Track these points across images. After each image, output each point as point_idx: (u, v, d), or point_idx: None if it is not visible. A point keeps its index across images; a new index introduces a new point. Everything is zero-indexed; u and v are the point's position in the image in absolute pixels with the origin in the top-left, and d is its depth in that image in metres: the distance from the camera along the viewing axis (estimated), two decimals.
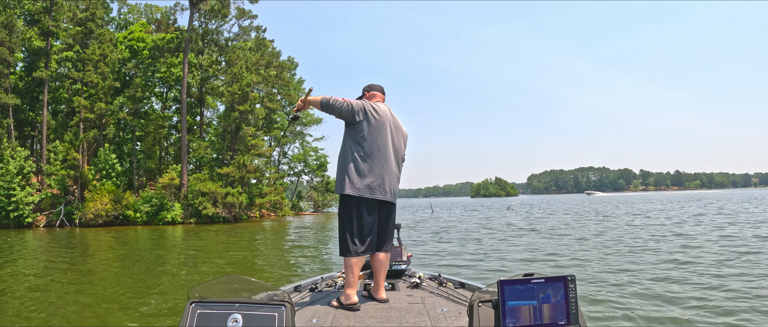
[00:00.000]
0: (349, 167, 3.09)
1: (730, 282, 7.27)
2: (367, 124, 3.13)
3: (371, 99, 3.36)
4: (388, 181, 3.15)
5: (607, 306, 6.04)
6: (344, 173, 3.10)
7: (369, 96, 3.39)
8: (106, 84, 33.51)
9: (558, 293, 2.00)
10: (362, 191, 3.06)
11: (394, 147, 3.23)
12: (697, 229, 16.20)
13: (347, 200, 3.09)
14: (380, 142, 3.14)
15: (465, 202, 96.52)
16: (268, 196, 37.22)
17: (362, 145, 3.11)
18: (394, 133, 3.25)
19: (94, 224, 30.75)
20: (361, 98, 3.41)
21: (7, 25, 31.78)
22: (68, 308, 6.82)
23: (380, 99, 3.39)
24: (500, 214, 34.68)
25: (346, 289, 3.01)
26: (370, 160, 3.09)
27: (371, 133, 3.12)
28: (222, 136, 36.77)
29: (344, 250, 3.07)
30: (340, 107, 3.14)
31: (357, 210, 3.07)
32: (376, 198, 3.11)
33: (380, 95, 3.39)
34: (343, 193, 3.09)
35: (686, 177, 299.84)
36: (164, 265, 11.60)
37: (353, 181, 3.06)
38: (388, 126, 3.21)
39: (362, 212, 3.07)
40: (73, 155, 31.73)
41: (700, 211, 27.98)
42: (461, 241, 15.21)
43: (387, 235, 3.24)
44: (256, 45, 40.09)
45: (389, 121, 3.23)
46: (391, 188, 3.18)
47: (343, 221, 3.10)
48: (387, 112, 3.25)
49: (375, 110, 3.18)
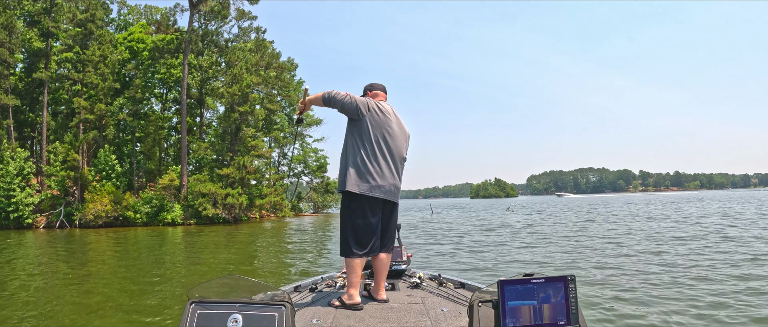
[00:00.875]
0: (353, 165, 3.02)
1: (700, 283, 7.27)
2: (371, 121, 3.06)
3: (373, 98, 3.28)
4: (391, 181, 3.10)
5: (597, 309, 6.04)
6: (347, 171, 3.03)
7: (371, 95, 3.31)
8: (106, 85, 33.53)
9: (558, 293, 2.00)
10: (366, 190, 2.99)
11: (397, 146, 3.17)
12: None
13: (350, 199, 3.02)
14: (384, 140, 3.08)
15: (464, 204, 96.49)
16: (268, 197, 37.23)
17: (366, 143, 3.04)
18: (397, 132, 3.19)
19: (94, 225, 30.74)
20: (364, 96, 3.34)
21: (7, 26, 31.79)
22: (68, 309, 6.81)
23: (382, 98, 3.32)
24: (501, 214, 34.70)
25: (349, 289, 2.97)
26: (373, 159, 3.03)
27: (375, 132, 3.05)
28: (222, 137, 36.79)
29: (347, 251, 3.00)
30: (343, 101, 3.04)
31: (361, 209, 3.00)
32: (380, 197, 3.05)
33: (382, 94, 3.33)
34: (345, 191, 3.01)
35: (686, 178, 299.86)
36: (164, 265, 11.60)
37: (357, 179, 2.99)
38: (392, 125, 3.15)
39: (366, 212, 3.00)
40: (73, 156, 31.73)
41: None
42: (460, 241, 15.21)
43: (389, 235, 3.20)
44: (255, 46, 40.12)
45: (393, 120, 3.18)
46: (395, 187, 3.13)
47: (346, 221, 3.03)
48: (391, 111, 3.20)
49: (379, 108, 3.12)
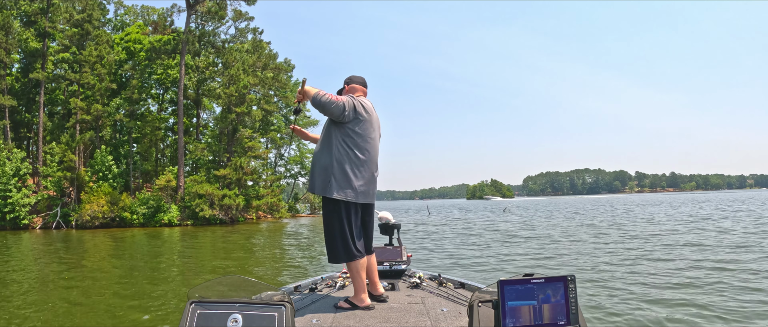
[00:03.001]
0: (338, 168, 2.93)
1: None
2: (357, 123, 2.97)
3: (352, 92, 3.16)
4: (372, 184, 3.07)
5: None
6: (331, 175, 2.93)
7: (349, 89, 3.19)
8: (103, 85, 33.43)
9: (558, 293, 2.00)
10: (352, 197, 2.94)
11: (376, 147, 3.12)
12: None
13: (335, 204, 2.95)
14: (368, 143, 3.02)
15: (460, 204, 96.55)
16: (265, 198, 37.17)
17: (351, 146, 2.95)
18: (377, 132, 3.14)
19: (90, 226, 30.62)
20: (342, 91, 3.25)
21: (4, 26, 31.66)
22: (65, 310, 6.79)
23: (362, 93, 3.20)
24: (496, 215, 34.74)
25: (359, 293, 2.95)
26: (358, 163, 2.96)
27: (361, 134, 2.98)
28: (218, 138, 36.70)
29: (349, 256, 2.95)
30: (330, 106, 2.91)
31: (347, 213, 2.96)
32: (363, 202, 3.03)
33: (362, 89, 3.20)
34: (330, 197, 2.92)
35: (681, 179, 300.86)
36: (162, 266, 11.57)
37: (342, 184, 2.92)
38: (374, 125, 3.08)
39: (351, 216, 2.97)
40: (70, 157, 31.62)
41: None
42: (459, 241, 15.22)
43: (371, 235, 3.20)
44: (252, 47, 40.06)
45: (374, 120, 3.11)
46: (374, 189, 3.11)
47: (336, 227, 2.96)
48: (372, 110, 3.11)
49: (364, 109, 3.02)
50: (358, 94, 3.17)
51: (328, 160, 2.98)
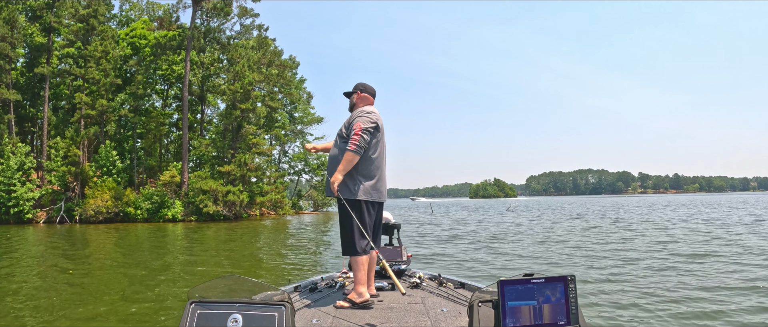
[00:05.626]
0: (366, 177, 3.25)
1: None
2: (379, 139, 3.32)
3: (363, 101, 3.42)
4: (385, 184, 3.42)
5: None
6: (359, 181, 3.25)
7: (362, 96, 3.43)
8: (108, 81, 33.53)
9: (558, 293, 2.00)
10: (376, 197, 3.30)
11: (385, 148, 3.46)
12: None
13: (356, 204, 3.25)
14: (381, 148, 3.36)
15: (464, 203, 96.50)
16: (269, 195, 37.24)
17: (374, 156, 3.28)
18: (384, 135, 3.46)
19: (94, 221, 30.77)
20: (352, 94, 3.47)
21: (9, 20, 31.79)
22: (67, 306, 6.81)
23: (371, 103, 3.46)
24: (500, 215, 34.70)
25: (358, 287, 3.06)
26: (376, 166, 3.30)
27: (377, 143, 3.29)
28: (223, 135, 36.78)
29: (353, 250, 3.17)
30: (370, 143, 3.24)
31: (366, 212, 3.25)
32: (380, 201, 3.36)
33: (371, 99, 3.46)
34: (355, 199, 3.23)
35: (685, 180, 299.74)
36: (164, 263, 11.60)
37: (365, 186, 3.24)
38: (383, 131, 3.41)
39: (369, 213, 3.28)
40: (74, 152, 31.75)
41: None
42: (460, 241, 15.21)
43: (378, 232, 3.44)
44: (257, 43, 40.11)
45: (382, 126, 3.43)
46: (386, 189, 3.44)
47: (350, 223, 3.20)
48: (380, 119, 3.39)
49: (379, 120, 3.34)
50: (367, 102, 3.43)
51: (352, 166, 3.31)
